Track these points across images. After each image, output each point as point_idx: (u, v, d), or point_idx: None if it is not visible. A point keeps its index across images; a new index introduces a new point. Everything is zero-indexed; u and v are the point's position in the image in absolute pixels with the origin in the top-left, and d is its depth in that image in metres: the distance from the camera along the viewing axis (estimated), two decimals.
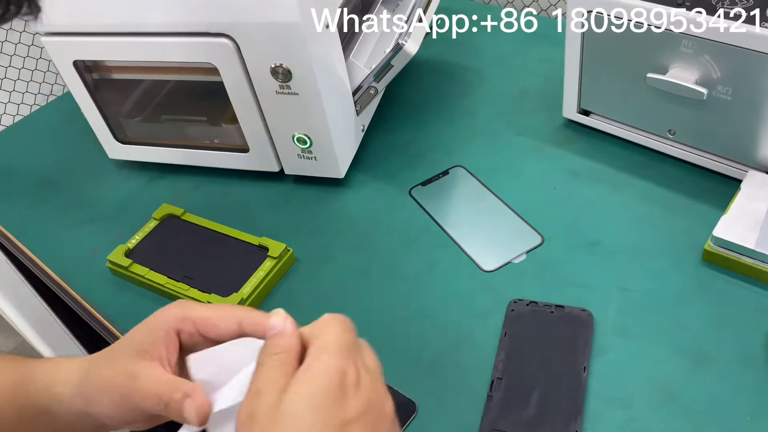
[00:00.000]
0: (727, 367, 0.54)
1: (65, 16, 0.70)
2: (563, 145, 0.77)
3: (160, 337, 0.40)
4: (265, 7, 0.62)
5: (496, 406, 0.54)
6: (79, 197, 0.84)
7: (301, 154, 0.74)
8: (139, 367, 0.39)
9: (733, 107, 0.63)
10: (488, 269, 0.65)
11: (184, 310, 0.40)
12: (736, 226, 0.60)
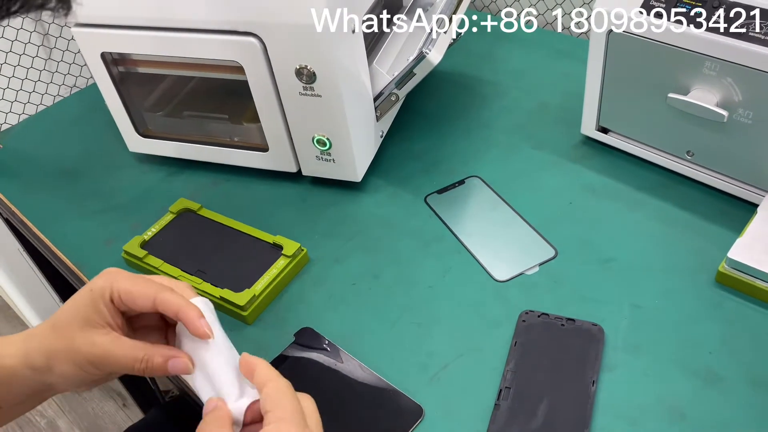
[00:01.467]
0: (738, 389, 0.54)
1: (95, 8, 0.72)
2: (580, 161, 0.77)
3: (100, 306, 0.46)
4: (294, 8, 0.63)
5: (503, 415, 0.54)
6: (97, 188, 0.85)
7: (319, 155, 0.75)
8: (95, 335, 0.45)
9: (753, 131, 0.63)
10: (501, 279, 0.65)
11: (111, 281, 0.46)
12: (751, 250, 0.60)
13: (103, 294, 0.46)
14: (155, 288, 0.46)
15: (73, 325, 0.46)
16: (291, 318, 0.65)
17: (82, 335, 0.46)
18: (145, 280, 0.47)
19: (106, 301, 0.46)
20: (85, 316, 0.46)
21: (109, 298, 0.46)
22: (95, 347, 0.45)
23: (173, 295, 0.46)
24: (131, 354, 0.46)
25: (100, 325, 0.46)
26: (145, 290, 0.46)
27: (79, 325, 0.46)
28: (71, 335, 0.46)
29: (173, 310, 0.46)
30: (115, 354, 0.46)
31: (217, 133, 0.81)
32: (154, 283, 0.47)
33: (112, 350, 0.46)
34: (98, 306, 0.46)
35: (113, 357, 0.46)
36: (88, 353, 0.45)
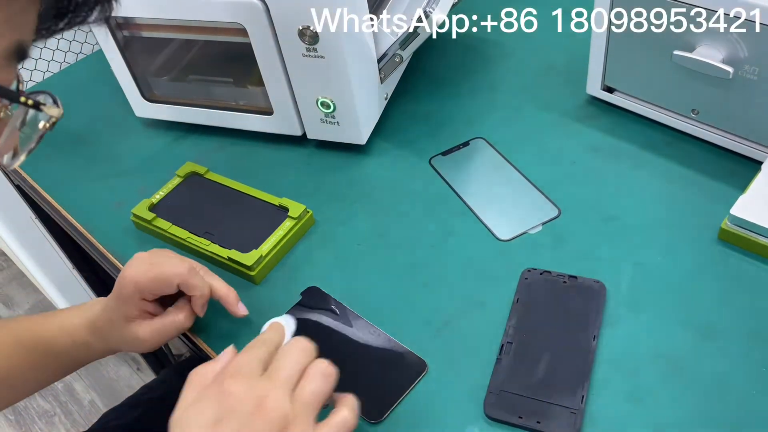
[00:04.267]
0: (736, 343, 0.55)
1: None
2: (585, 121, 0.77)
3: (132, 306, 0.59)
4: None
5: (505, 369, 0.55)
6: (105, 153, 0.86)
7: (324, 118, 0.75)
8: (136, 328, 0.59)
9: (758, 87, 0.63)
10: (504, 238, 0.66)
11: (137, 284, 0.57)
12: (754, 207, 0.60)
13: (131, 295, 0.58)
14: (173, 278, 0.58)
15: (121, 322, 0.59)
16: (298, 278, 0.67)
17: (126, 331, 0.60)
18: (157, 273, 0.58)
19: (135, 300, 0.58)
20: (126, 315, 0.59)
21: (139, 297, 0.58)
22: (135, 340, 0.60)
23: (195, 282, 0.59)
24: (160, 334, 0.60)
25: (137, 319, 0.59)
26: (166, 287, 0.58)
27: (124, 323, 0.59)
28: (118, 330, 0.60)
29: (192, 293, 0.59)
30: (151, 338, 0.60)
31: (222, 97, 0.82)
32: (174, 275, 0.58)
33: (152, 337, 0.60)
34: (130, 305, 0.59)
35: (153, 339, 0.60)
36: (131, 342, 0.60)
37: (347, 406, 0.46)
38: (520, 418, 0.52)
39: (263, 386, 0.44)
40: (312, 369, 0.46)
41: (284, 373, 0.45)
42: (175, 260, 0.59)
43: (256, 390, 0.44)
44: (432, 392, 0.55)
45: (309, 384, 0.45)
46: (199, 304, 0.59)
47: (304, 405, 0.44)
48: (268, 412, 0.43)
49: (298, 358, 0.46)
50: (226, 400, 0.43)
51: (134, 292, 0.58)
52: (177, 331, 0.60)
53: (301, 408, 0.44)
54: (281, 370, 0.45)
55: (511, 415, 0.52)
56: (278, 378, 0.45)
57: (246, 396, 0.43)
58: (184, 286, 0.58)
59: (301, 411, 0.44)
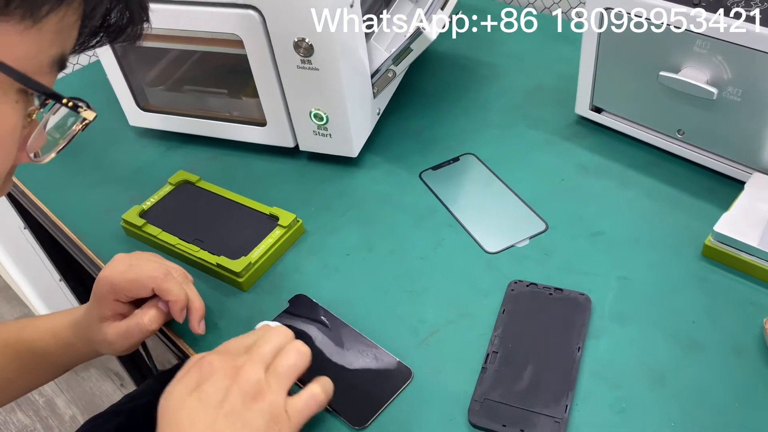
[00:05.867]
0: (719, 356, 0.55)
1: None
2: (573, 140, 0.78)
3: (107, 306, 0.59)
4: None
5: (490, 377, 0.55)
6: (97, 161, 0.87)
7: (316, 130, 0.76)
8: (105, 329, 0.60)
9: (742, 109, 0.64)
10: (492, 251, 0.66)
11: (112, 284, 0.58)
12: (737, 224, 0.61)
13: (106, 296, 0.59)
14: (148, 280, 0.58)
15: (95, 321, 0.60)
16: (286, 286, 0.67)
17: (99, 331, 0.60)
18: (133, 275, 0.59)
19: (109, 301, 0.59)
20: (100, 315, 0.60)
21: (114, 298, 0.59)
22: (108, 336, 0.60)
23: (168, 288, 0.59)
24: (125, 336, 0.60)
25: (109, 320, 0.60)
26: (137, 285, 0.59)
27: (97, 323, 0.60)
28: (94, 330, 0.60)
29: (167, 298, 0.59)
30: (118, 341, 0.60)
31: (216, 107, 0.83)
32: (149, 278, 0.58)
33: (117, 339, 0.60)
34: (105, 306, 0.59)
35: (119, 342, 0.60)
36: (103, 343, 0.61)
37: (319, 383, 0.51)
38: (504, 426, 0.52)
39: (241, 360, 0.50)
40: (288, 346, 0.52)
41: (261, 349, 0.51)
42: (154, 264, 0.60)
43: (234, 362, 0.49)
44: (417, 400, 0.55)
45: (283, 358, 0.51)
46: (176, 310, 0.59)
47: (277, 375, 0.49)
48: (243, 379, 0.48)
49: (276, 340, 0.52)
50: (206, 369, 0.49)
51: (109, 292, 0.59)
52: (142, 334, 0.59)
53: (274, 378, 0.49)
54: (259, 347, 0.51)
55: (494, 422, 0.52)
56: (255, 353, 0.50)
57: (224, 366, 0.49)
58: (159, 291, 0.58)
59: (274, 381, 0.49)
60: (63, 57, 0.37)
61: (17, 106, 0.36)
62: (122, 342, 0.59)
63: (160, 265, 0.60)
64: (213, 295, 0.67)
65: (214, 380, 0.48)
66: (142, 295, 0.59)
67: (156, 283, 0.58)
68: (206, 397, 0.47)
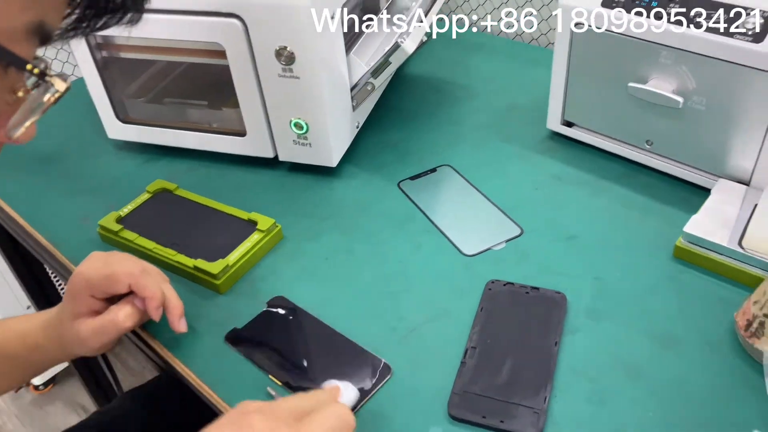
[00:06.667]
0: (692, 349, 0.56)
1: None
2: (546, 153, 0.81)
3: (81, 303, 0.58)
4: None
5: (469, 371, 0.55)
6: (74, 173, 0.86)
7: (296, 140, 0.77)
8: (78, 326, 0.58)
9: (706, 117, 0.67)
10: (469, 254, 0.67)
11: (87, 279, 0.58)
12: (705, 225, 0.63)
13: (81, 292, 0.58)
14: (124, 276, 0.58)
15: (69, 319, 0.59)
16: (264, 288, 0.66)
17: (72, 328, 0.59)
18: (108, 272, 0.58)
19: (84, 297, 0.58)
20: (73, 312, 0.59)
21: (89, 294, 0.58)
22: (81, 333, 0.58)
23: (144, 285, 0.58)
24: (99, 333, 0.58)
25: (83, 316, 0.59)
26: (112, 281, 0.58)
27: (71, 320, 0.59)
28: (67, 327, 0.59)
29: (143, 294, 0.58)
30: (91, 338, 0.58)
31: (196, 119, 0.83)
32: (125, 274, 0.58)
33: (91, 336, 0.58)
34: (79, 302, 0.58)
35: (93, 339, 0.59)
36: (76, 341, 0.59)
37: None
38: (484, 417, 0.52)
39: (283, 430, 0.43)
40: (333, 413, 0.45)
41: (311, 427, 0.44)
42: (130, 261, 0.59)
43: (275, 431, 0.43)
44: (397, 395, 0.55)
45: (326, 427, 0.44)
46: (152, 307, 0.58)
47: None
48: None
49: (332, 422, 0.44)
50: (244, 428, 0.42)
51: (84, 288, 0.58)
52: (116, 330, 0.58)
53: None
54: (310, 423, 0.44)
55: (474, 414, 0.52)
56: (301, 429, 0.43)
57: (263, 431, 0.42)
58: (135, 287, 0.58)
59: None
60: (42, 26, 0.35)
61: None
62: (95, 339, 0.58)
63: (137, 263, 0.59)
64: (190, 298, 0.66)
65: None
66: (119, 291, 0.58)
67: (133, 279, 0.57)
68: None
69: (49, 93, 0.36)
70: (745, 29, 0.61)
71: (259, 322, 0.63)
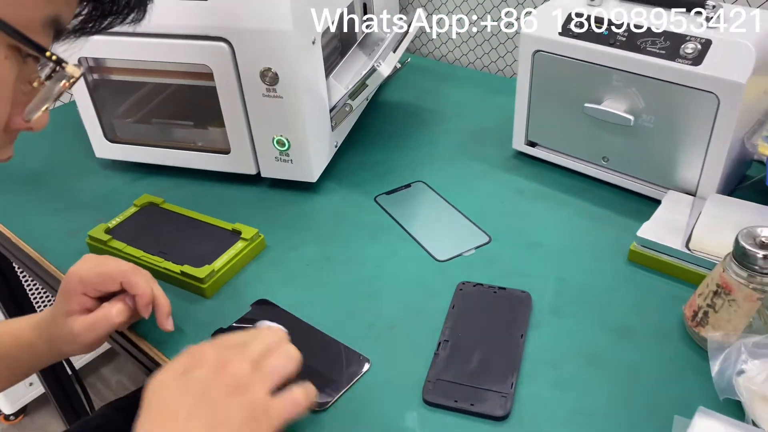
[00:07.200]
0: (645, 341, 0.61)
1: None
2: (512, 170, 0.87)
3: (74, 300, 0.61)
4: (262, 15, 0.71)
5: (442, 361, 0.60)
6: (63, 190, 0.89)
7: (278, 156, 0.82)
8: (71, 323, 0.61)
9: (655, 134, 0.74)
10: (441, 259, 0.72)
11: (81, 277, 0.61)
12: (657, 230, 0.69)
13: (74, 290, 0.61)
14: (115, 273, 0.61)
15: (61, 317, 0.62)
16: (247, 293, 0.70)
17: (65, 325, 0.61)
18: (101, 270, 0.61)
19: (77, 295, 0.61)
20: (66, 309, 0.61)
21: (81, 292, 0.61)
22: (72, 335, 0.61)
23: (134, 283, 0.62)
24: (91, 328, 0.61)
25: (75, 314, 0.61)
26: (104, 278, 0.61)
27: (63, 318, 0.62)
28: (60, 325, 0.62)
29: (134, 292, 0.62)
30: (84, 333, 0.61)
31: (182, 138, 0.88)
32: (117, 272, 0.61)
33: (83, 332, 0.61)
34: (72, 300, 0.61)
35: (85, 334, 0.61)
36: (69, 337, 0.62)
37: (303, 388, 0.51)
38: (456, 401, 0.56)
39: (231, 353, 0.50)
40: (278, 349, 0.52)
41: (252, 347, 0.51)
42: (121, 262, 0.63)
43: (224, 355, 0.50)
44: (375, 384, 0.59)
45: (271, 359, 0.51)
46: (142, 304, 0.61)
47: (263, 374, 0.49)
48: (229, 372, 0.48)
49: (268, 340, 0.52)
50: (196, 357, 0.50)
51: (77, 285, 0.61)
52: (109, 325, 0.61)
53: (259, 376, 0.49)
54: (250, 344, 0.51)
55: (447, 399, 0.56)
56: (246, 350, 0.51)
57: (213, 357, 0.50)
58: (126, 284, 0.61)
59: (259, 379, 0.49)
60: (58, 21, 0.38)
61: (6, 63, 0.37)
62: (87, 335, 0.61)
63: (128, 263, 0.63)
64: (177, 302, 0.69)
65: (201, 369, 0.49)
66: (110, 288, 0.61)
67: (125, 276, 0.61)
68: (191, 383, 0.48)
69: (65, 79, 0.40)
70: (685, 54, 0.68)
71: (243, 322, 0.66)
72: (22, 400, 1.61)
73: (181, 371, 0.49)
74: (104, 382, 1.74)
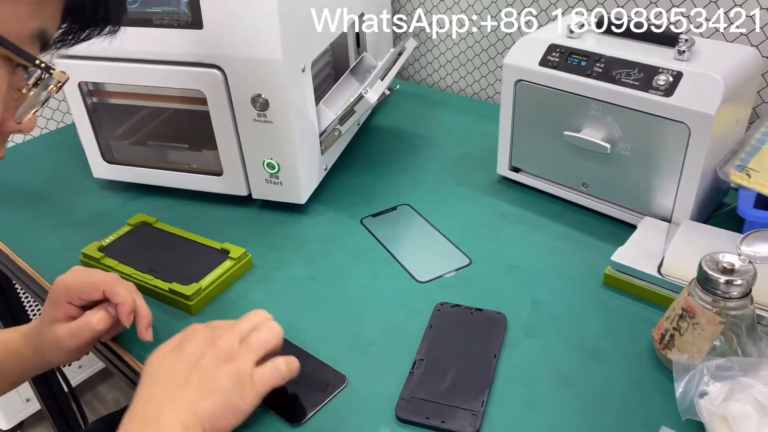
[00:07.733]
0: (616, 362, 0.63)
1: None
2: (495, 195, 0.89)
3: (60, 308, 0.64)
4: (253, 44, 0.75)
5: (417, 380, 0.62)
6: (60, 208, 0.92)
7: (269, 179, 0.84)
8: (56, 329, 0.64)
9: (631, 161, 0.76)
10: (422, 280, 0.74)
11: (66, 286, 0.64)
12: (631, 255, 0.71)
13: (60, 298, 0.64)
14: (99, 283, 0.64)
15: (47, 324, 0.65)
16: (233, 310, 0.72)
17: (51, 332, 0.65)
18: (86, 279, 0.65)
19: (62, 303, 0.64)
20: (52, 317, 0.65)
21: (66, 300, 0.64)
22: (56, 341, 0.64)
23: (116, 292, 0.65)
24: (75, 334, 0.64)
25: (61, 321, 0.65)
26: (89, 286, 0.64)
27: (49, 325, 0.65)
28: (46, 332, 0.65)
29: (116, 300, 0.65)
30: (67, 339, 0.64)
31: (176, 160, 0.91)
32: (101, 281, 0.65)
33: (67, 338, 0.64)
34: (58, 308, 0.64)
35: (68, 341, 0.64)
36: (55, 344, 0.65)
37: (285, 359, 0.58)
38: (427, 418, 0.58)
39: (221, 331, 0.58)
40: (263, 324, 0.60)
41: (240, 325, 0.59)
42: (106, 273, 0.66)
43: (214, 332, 0.58)
44: (351, 401, 0.61)
45: (257, 333, 0.58)
46: (123, 312, 0.63)
47: (249, 347, 0.57)
48: (219, 345, 0.56)
49: (255, 318, 0.60)
50: (189, 332, 0.58)
51: (63, 294, 0.64)
52: (90, 332, 0.63)
53: (246, 348, 0.57)
54: (239, 323, 0.60)
55: (419, 416, 0.58)
56: (235, 327, 0.59)
57: (205, 332, 0.58)
58: (108, 293, 0.64)
59: (246, 350, 0.57)
60: (44, 33, 0.42)
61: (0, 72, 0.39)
62: (71, 341, 0.63)
63: (113, 275, 0.66)
64: (163, 318, 0.71)
65: (194, 342, 0.56)
66: (94, 297, 0.64)
67: (107, 286, 0.63)
68: (185, 354, 0.55)
69: (52, 84, 0.44)
70: (657, 85, 0.71)
71: None
72: (19, 416, 1.63)
73: (176, 344, 0.56)
74: (100, 400, 1.76)
